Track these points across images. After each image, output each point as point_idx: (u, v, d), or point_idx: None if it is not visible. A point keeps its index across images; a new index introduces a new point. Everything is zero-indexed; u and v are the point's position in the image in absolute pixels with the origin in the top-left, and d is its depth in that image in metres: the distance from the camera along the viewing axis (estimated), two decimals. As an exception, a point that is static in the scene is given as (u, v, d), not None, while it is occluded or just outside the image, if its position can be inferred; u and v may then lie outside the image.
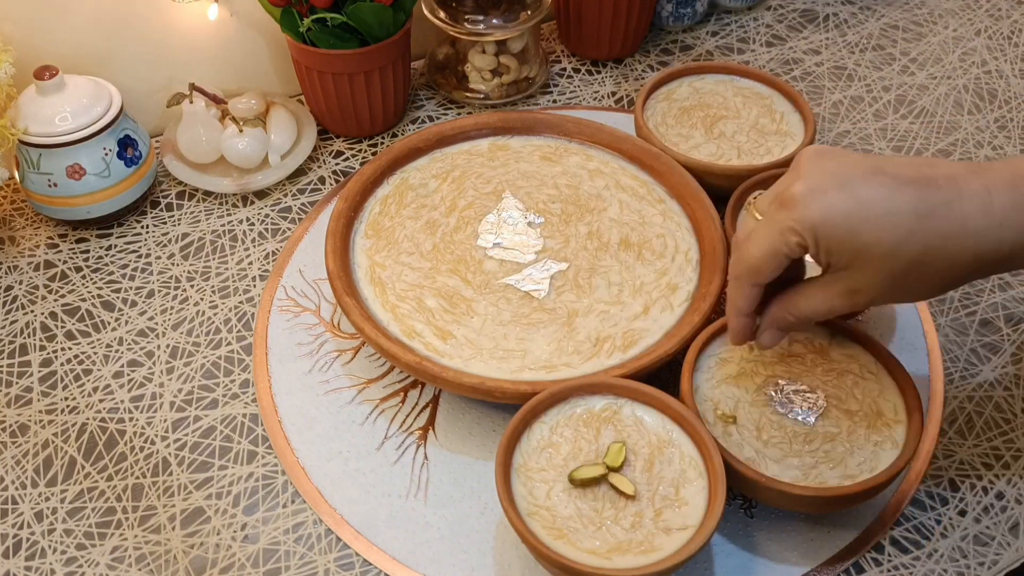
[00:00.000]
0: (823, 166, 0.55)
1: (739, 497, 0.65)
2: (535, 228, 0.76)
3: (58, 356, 0.73)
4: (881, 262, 0.53)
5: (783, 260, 0.57)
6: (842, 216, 0.53)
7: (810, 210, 0.54)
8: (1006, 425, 0.69)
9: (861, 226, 0.53)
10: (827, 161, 0.55)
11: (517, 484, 0.59)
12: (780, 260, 0.56)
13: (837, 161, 0.55)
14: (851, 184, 0.53)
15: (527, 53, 0.92)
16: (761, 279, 0.58)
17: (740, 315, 0.61)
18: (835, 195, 0.53)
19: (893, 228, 0.52)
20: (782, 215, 0.55)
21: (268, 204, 0.84)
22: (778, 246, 0.56)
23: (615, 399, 0.63)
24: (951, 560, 0.62)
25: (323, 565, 0.62)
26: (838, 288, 0.56)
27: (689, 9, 1.00)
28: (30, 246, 0.81)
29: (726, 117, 0.84)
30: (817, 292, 0.58)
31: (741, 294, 0.60)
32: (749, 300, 0.60)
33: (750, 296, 0.59)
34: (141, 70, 0.87)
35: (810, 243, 0.55)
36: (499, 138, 0.83)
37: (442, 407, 0.70)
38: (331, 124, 0.89)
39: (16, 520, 0.64)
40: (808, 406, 0.63)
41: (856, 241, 0.53)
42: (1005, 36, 1.02)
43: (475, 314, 0.71)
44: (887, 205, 0.52)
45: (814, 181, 0.54)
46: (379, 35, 0.82)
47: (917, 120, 0.92)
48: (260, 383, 0.71)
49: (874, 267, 0.54)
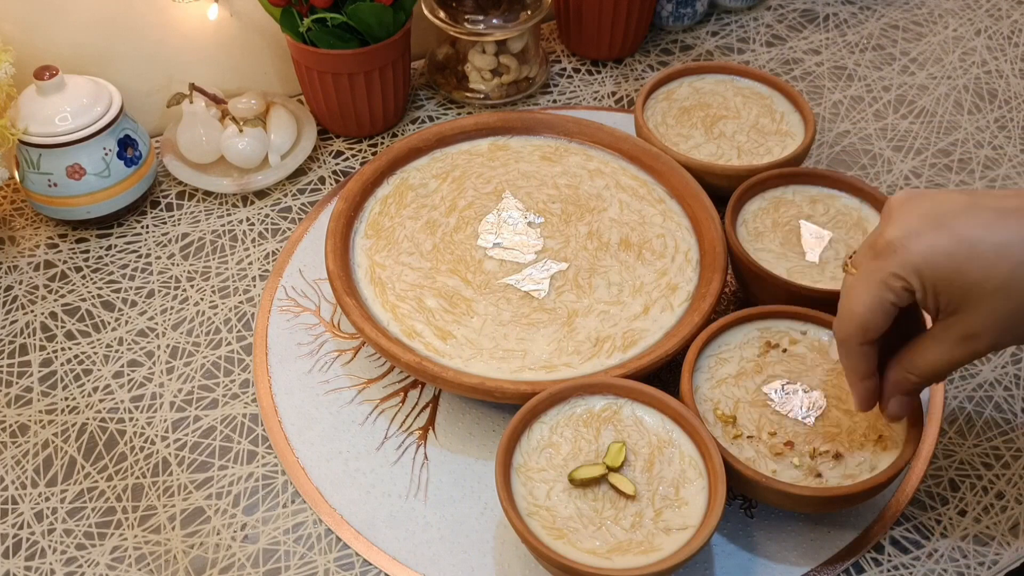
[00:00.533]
0: (915, 207, 0.52)
1: (739, 497, 0.65)
2: (535, 228, 0.76)
3: (58, 356, 0.73)
4: (994, 299, 0.50)
5: (890, 310, 0.53)
6: (945, 255, 0.50)
7: (910, 253, 0.51)
8: (1006, 425, 0.69)
9: (968, 263, 0.50)
10: (919, 202, 0.52)
11: (517, 484, 0.59)
12: (887, 310, 0.53)
13: (929, 201, 0.52)
14: (949, 222, 0.51)
15: (527, 53, 0.92)
16: (870, 336, 0.55)
17: (861, 379, 0.57)
18: (934, 235, 0.51)
19: (1002, 261, 0.49)
20: (880, 263, 0.52)
21: (268, 204, 0.84)
22: (882, 295, 0.53)
23: (615, 399, 0.63)
24: (951, 560, 0.62)
25: (323, 565, 0.62)
26: (954, 336, 0.53)
27: (689, 9, 1.00)
28: (30, 246, 0.81)
29: (726, 117, 0.84)
30: (932, 345, 0.54)
31: (855, 357, 0.56)
32: (865, 361, 0.56)
33: (864, 356, 0.56)
34: (141, 70, 0.87)
35: (916, 286, 0.52)
36: (499, 138, 0.83)
37: (442, 407, 0.70)
38: (331, 124, 0.89)
39: (16, 520, 0.64)
40: (808, 406, 0.63)
41: (965, 279, 0.50)
42: (1005, 36, 1.02)
43: (475, 314, 0.71)
44: (992, 238, 0.50)
45: (908, 224, 0.51)
46: (379, 35, 0.82)
47: (917, 120, 0.92)
48: (260, 383, 0.71)
49: (988, 306, 0.51)
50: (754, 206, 0.76)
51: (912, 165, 0.88)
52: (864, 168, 0.88)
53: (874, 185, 0.84)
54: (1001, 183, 0.86)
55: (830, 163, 0.88)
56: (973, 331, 0.52)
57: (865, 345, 0.56)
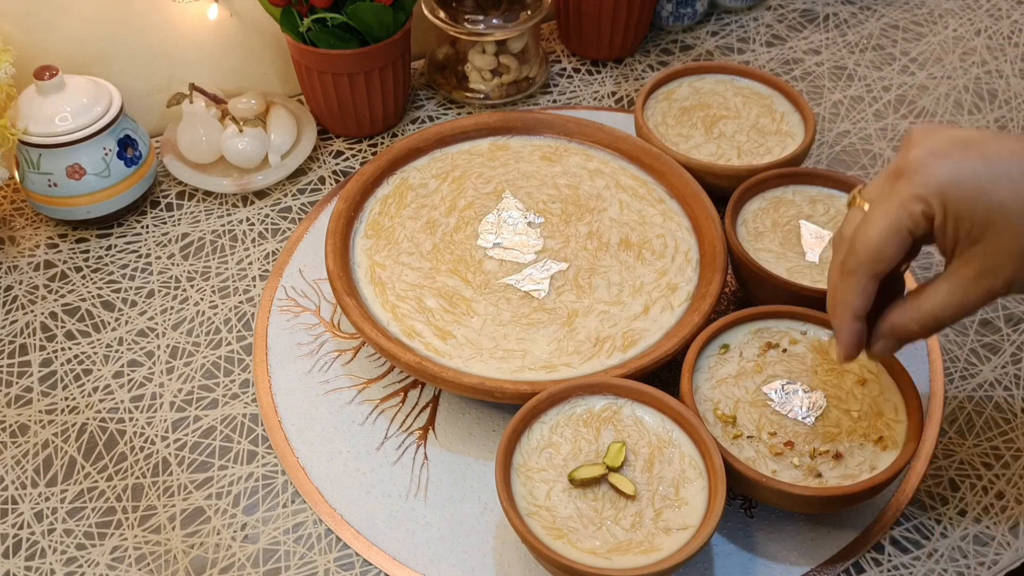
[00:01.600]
0: (939, 132, 0.50)
1: (739, 497, 0.65)
2: (535, 228, 0.76)
3: (58, 356, 0.73)
4: (1020, 224, 0.47)
5: (906, 239, 0.50)
6: (971, 175, 0.47)
7: (934, 173, 0.48)
8: (1006, 425, 0.69)
9: (994, 184, 0.47)
10: (943, 131, 0.50)
11: (517, 484, 0.59)
12: (904, 239, 0.50)
13: (952, 129, 0.50)
14: (975, 144, 0.48)
15: (527, 53, 0.92)
16: (882, 267, 0.51)
17: (855, 318, 0.54)
18: (960, 155, 0.48)
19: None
20: (901, 184, 0.49)
21: (268, 204, 0.84)
22: (901, 220, 0.49)
23: (615, 399, 0.63)
24: (951, 560, 0.62)
25: (323, 565, 0.62)
26: (971, 271, 0.50)
27: (689, 9, 1.00)
28: (30, 246, 0.81)
29: (726, 117, 0.84)
30: (945, 284, 0.51)
31: (857, 290, 0.52)
32: (866, 297, 0.53)
33: (868, 292, 0.52)
34: (141, 70, 0.87)
35: (937, 210, 0.49)
36: (499, 138, 0.83)
37: (442, 407, 0.70)
38: (331, 124, 0.89)
39: (16, 520, 0.64)
40: (808, 406, 0.63)
41: (990, 201, 0.47)
42: (1005, 36, 1.02)
43: (475, 314, 0.71)
44: (1020, 161, 0.47)
45: (933, 145, 0.49)
46: (379, 35, 0.82)
47: (917, 120, 0.92)
48: (260, 383, 0.71)
49: (1011, 232, 0.48)
50: (754, 206, 0.76)
51: (912, 165, 0.88)
52: (864, 168, 0.87)
53: (874, 185, 0.84)
54: (1001, 183, 0.86)
55: (830, 163, 0.88)
56: (993, 263, 0.49)
57: (873, 278, 0.52)
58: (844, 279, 0.53)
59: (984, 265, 0.49)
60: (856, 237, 0.52)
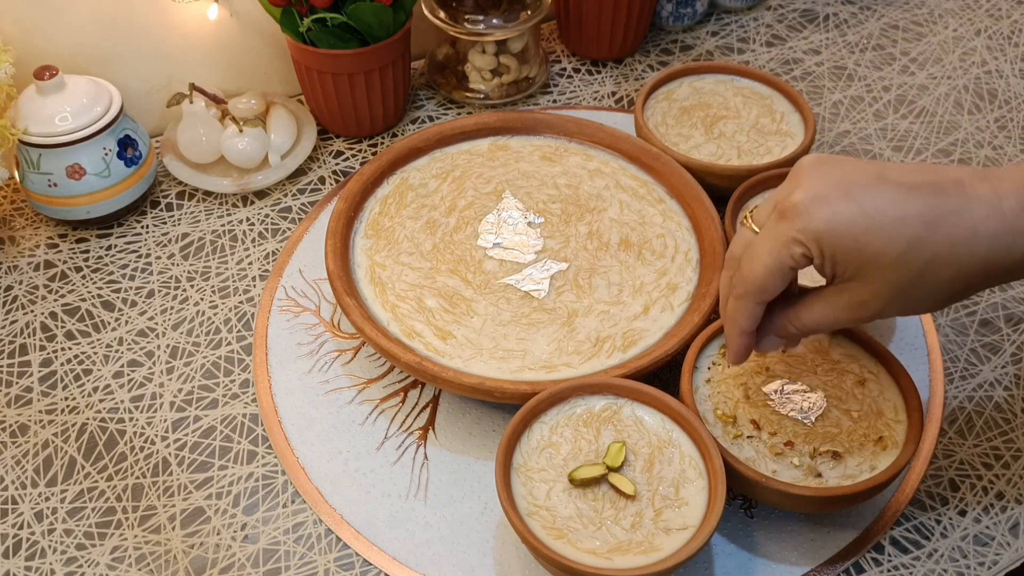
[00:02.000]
0: (825, 174, 0.53)
1: (739, 497, 0.65)
2: (535, 228, 0.76)
3: (58, 356, 0.73)
4: (889, 272, 0.52)
5: (788, 274, 0.55)
6: (847, 225, 0.51)
7: (813, 219, 0.52)
8: (1006, 425, 0.69)
9: (867, 234, 0.51)
10: (828, 168, 0.53)
11: (517, 484, 0.59)
12: (785, 274, 0.54)
13: (839, 168, 0.53)
14: (855, 191, 0.52)
15: (527, 53, 0.92)
16: (767, 296, 0.56)
17: (742, 335, 0.59)
18: (839, 203, 0.52)
19: (900, 236, 0.51)
20: (784, 226, 0.53)
21: (268, 204, 0.84)
22: (783, 259, 0.54)
23: (615, 399, 0.63)
24: (951, 560, 0.62)
25: (323, 565, 0.62)
26: (844, 300, 0.55)
27: (689, 9, 1.00)
28: (30, 246, 0.81)
29: (726, 117, 0.84)
30: (821, 304, 0.56)
31: (745, 313, 0.57)
32: (752, 319, 0.58)
33: (754, 315, 0.57)
34: (141, 70, 0.87)
35: (815, 253, 0.53)
36: (499, 138, 0.83)
37: (442, 407, 0.70)
38: (331, 124, 0.89)
39: (16, 520, 0.64)
40: (808, 406, 0.63)
41: (863, 250, 0.51)
42: (1005, 36, 1.02)
43: (475, 314, 0.71)
44: (894, 212, 0.51)
45: (816, 188, 0.52)
46: (379, 35, 0.82)
47: (917, 120, 0.92)
48: (260, 383, 0.71)
49: (881, 277, 0.52)
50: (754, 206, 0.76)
51: (912, 165, 0.88)
52: (864, 168, 0.87)
53: (874, 185, 0.84)
54: (1001, 183, 0.86)
55: (830, 163, 0.88)
56: (863, 299, 0.54)
57: (758, 305, 0.57)
58: (734, 301, 0.58)
59: (855, 299, 0.54)
60: (743, 267, 0.56)
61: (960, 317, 0.76)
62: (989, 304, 0.77)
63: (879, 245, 0.51)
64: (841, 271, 0.53)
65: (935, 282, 0.52)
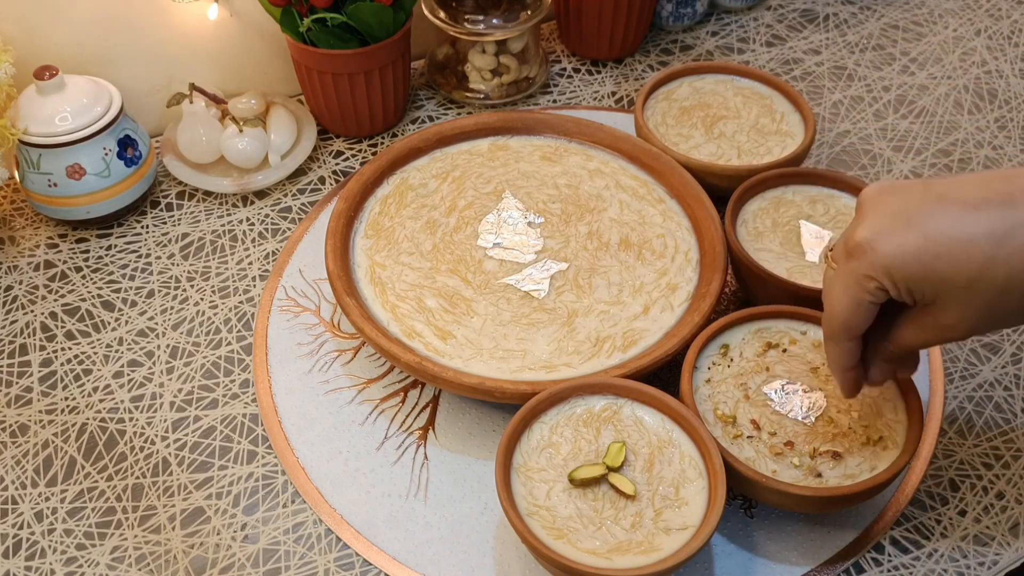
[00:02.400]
0: (885, 204, 0.52)
1: (739, 497, 0.65)
2: (535, 228, 0.76)
3: (58, 356, 0.73)
4: (966, 295, 0.50)
5: (870, 308, 0.54)
6: (913, 255, 0.50)
7: (879, 254, 0.51)
8: (1006, 425, 0.69)
9: (935, 261, 0.50)
10: (888, 198, 0.52)
11: (517, 484, 0.59)
12: (867, 309, 0.54)
13: (899, 196, 0.52)
14: (916, 219, 0.51)
15: (527, 53, 0.92)
16: (854, 333, 0.55)
17: (846, 371, 0.58)
18: (902, 234, 0.51)
19: (969, 259, 0.49)
20: (852, 264, 0.53)
21: (268, 204, 0.84)
22: (860, 296, 0.53)
23: (615, 399, 0.63)
24: (951, 560, 0.62)
25: (323, 565, 0.62)
26: (929, 323, 0.54)
27: (689, 9, 1.00)
28: (30, 246, 0.81)
29: (726, 117, 0.84)
30: (911, 327, 0.55)
31: (840, 352, 0.57)
32: (851, 355, 0.57)
33: (850, 351, 0.57)
34: (141, 70, 0.87)
35: (888, 286, 0.52)
36: (499, 138, 0.83)
37: (442, 407, 0.70)
38: (331, 124, 0.89)
39: (16, 520, 0.64)
40: (808, 406, 0.63)
41: (935, 276, 0.50)
42: (1005, 36, 1.02)
43: (475, 314, 0.71)
44: (958, 234, 0.50)
45: (878, 223, 0.52)
46: (379, 35, 0.82)
47: (917, 120, 0.92)
48: (260, 383, 0.71)
49: (960, 301, 0.51)
50: (754, 206, 0.76)
51: (912, 165, 0.88)
52: (864, 168, 0.87)
53: (874, 185, 0.84)
54: (1001, 183, 0.86)
55: (830, 163, 0.88)
56: (949, 322, 0.53)
57: (850, 342, 0.56)
58: (827, 343, 0.58)
59: (940, 322, 0.53)
60: (827, 307, 0.56)
61: (960, 317, 0.76)
62: (989, 304, 0.77)
63: (950, 270, 0.50)
64: (920, 297, 0.52)
65: (1020, 298, 0.50)
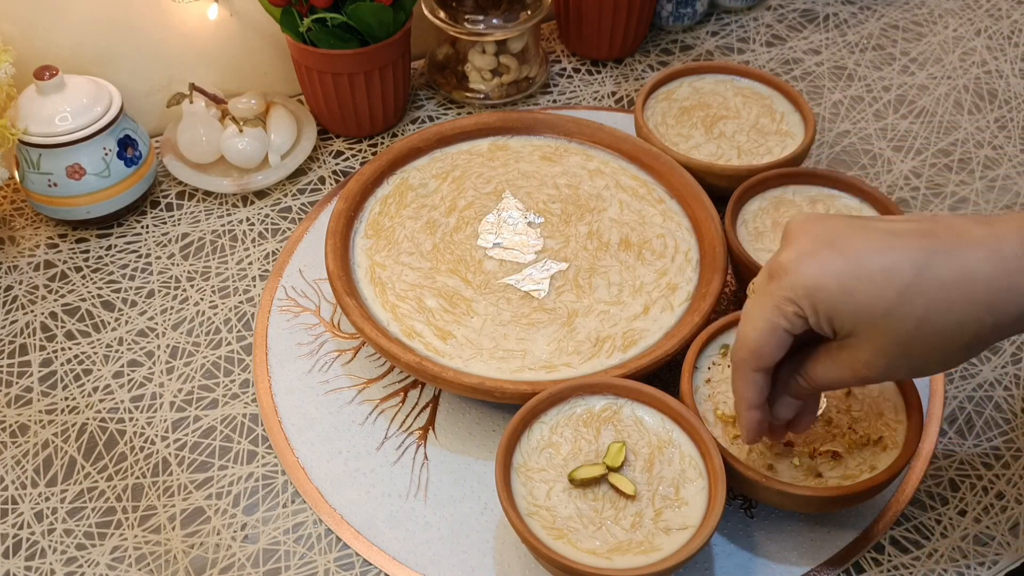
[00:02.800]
0: (812, 229, 0.51)
1: (739, 497, 0.65)
2: (535, 228, 0.76)
3: (58, 356, 0.73)
4: (885, 324, 0.49)
5: (784, 337, 0.52)
6: (835, 276, 0.49)
7: (801, 275, 0.50)
8: (1006, 425, 0.69)
9: (855, 285, 0.49)
10: (816, 225, 0.51)
11: (517, 484, 0.59)
12: (781, 337, 0.52)
13: (826, 223, 0.51)
14: (842, 242, 0.50)
15: (527, 53, 0.92)
16: (764, 363, 0.53)
17: (748, 408, 0.55)
18: (826, 256, 0.49)
19: (889, 285, 0.48)
20: (773, 286, 0.51)
21: (268, 204, 0.84)
22: (775, 321, 0.51)
23: (615, 399, 0.63)
24: (951, 560, 0.62)
25: (323, 565, 0.62)
26: (844, 358, 0.51)
27: (689, 9, 1.00)
28: (30, 246, 0.81)
29: (726, 117, 0.84)
30: (826, 360, 0.53)
31: (746, 383, 0.54)
32: (756, 389, 0.54)
33: (757, 384, 0.54)
34: (141, 70, 0.87)
35: (808, 311, 0.50)
36: (499, 138, 0.83)
37: (442, 407, 0.70)
38: (331, 124, 0.89)
39: (16, 520, 0.64)
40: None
41: (854, 302, 0.49)
42: (1005, 36, 1.02)
43: (475, 314, 0.71)
44: (881, 260, 0.48)
45: (804, 246, 0.50)
46: (379, 35, 0.82)
47: (917, 120, 0.92)
48: (260, 383, 0.71)
49: (878, 332, 0.49)
50: (754, 206, 0.76)
51: (912, 165, 0.88)
52: (864, 168, 0.87)
53: (874, 185, 0.84)
54: (1001, 183, 0.86)
55: (830, 163, 0.88)
56: (865, 358, 0.50)
57: (758, 372, 0.53)
58: (734, 372, 0.55)
59: (857, 357, 0.51)
60: (739, 333, 0.54)
61: (960, 317, 0.76)
62: (989, 304, 0.76)
63: (869, 296, 0.48)
64: (839, 326, 0.50)
65: (937, 335, 0.48)
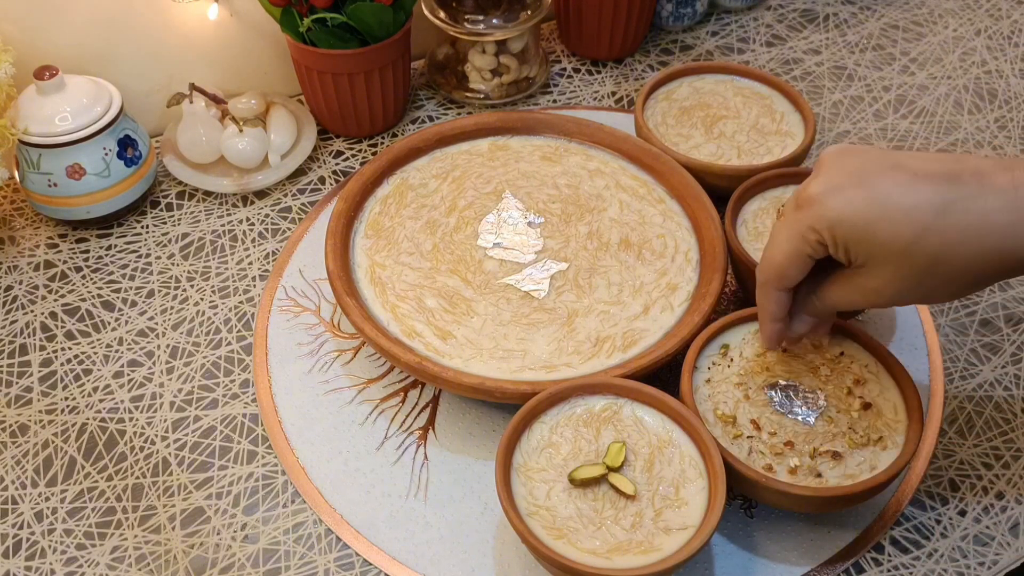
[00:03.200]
0: (843, 164, 0.54)
1: (739, 497, 0.65)
2: (535, 228, 0.76)
3: (58, 356, 0.73)
4: (899, 260, 0.52)
5: (806, 261, 0.56)
6: (859, 213, 0.52)
7: (827, 208, 0.53)
8: (1006, 425, 0.69)
9: (877, 223, 0.52)
10: (848, 159, 0.54)
11: (517, 484, 0.59)
12: (804, 261, 0.56)
13: (859, 158, 0.54)
14: (869, 180, 0.52)
15: (527, 53, 0.92)
16: (787, 283, 0.58)
17: (773, 321, 0.60)
18: (852, 192, 0.53)
19: (909, 224, 0.51)
20: (800, 215, 0.55)
21: (268, 204, 0.84)
22: (799, 247, 0.55)
23: (615, 399, 0.63)
24: (951, 560, 0.62)
25: (323, 565, 0.62)
26: (857, 284, 0.55)
27: (689, 9, 1.00)
28: (30, 246, 0.81)
29: (726, 117, 0.84)
30: (840, 285, 0.57)
31: (771, 299, 0.59)
32: (780, 305, 0.59)
33: (780, 301, 0.59)
34: (141, 70, 0.87)
35: (828, 241, 0.54)
36: (499, 138, 0.83)
37: (442, 407, 0.70)
38: (331, 124, 0.89)
39: (16, 520, 0.64)
40: (808, 406, 0.63)
41: (873, 239, 0.52)
42: (1005, 36, 1.02)
43: (475, 314, 0.71)
44: (905, 201, 0.51)
45: (832, 179, 0.54)
46: (379, 35, 0.82)
47: (917, 120, 0.92)
48: (260, 383, 0.71)
49: (892, 265, 0.53)
50: (754, 206, 0.76)
51: (912, 165, 0.88)
52: (864, 168, 0.87)
53: (874, 185, 0.84)
54: (1001, 183, 0.86)
55: (830, 163, 0.88)
56: (875, 286, 0.55)
57: (781, 291, 0.58)
58: (759, 289, 0.60)
59: (868, 285, 0.55)
60: (766, 254, 0.58)
61: (960, 317, 0.76)
62: (989, 304, 0.77)
63: (889, 233, 0.52)
64: (854, 257, 0.54)
65: (948, 272, 0.52)
